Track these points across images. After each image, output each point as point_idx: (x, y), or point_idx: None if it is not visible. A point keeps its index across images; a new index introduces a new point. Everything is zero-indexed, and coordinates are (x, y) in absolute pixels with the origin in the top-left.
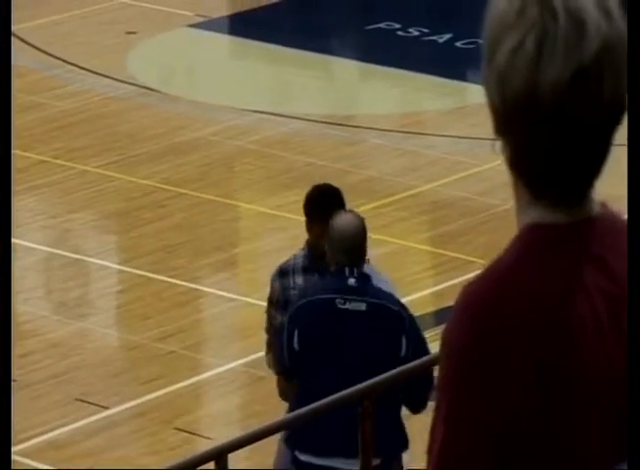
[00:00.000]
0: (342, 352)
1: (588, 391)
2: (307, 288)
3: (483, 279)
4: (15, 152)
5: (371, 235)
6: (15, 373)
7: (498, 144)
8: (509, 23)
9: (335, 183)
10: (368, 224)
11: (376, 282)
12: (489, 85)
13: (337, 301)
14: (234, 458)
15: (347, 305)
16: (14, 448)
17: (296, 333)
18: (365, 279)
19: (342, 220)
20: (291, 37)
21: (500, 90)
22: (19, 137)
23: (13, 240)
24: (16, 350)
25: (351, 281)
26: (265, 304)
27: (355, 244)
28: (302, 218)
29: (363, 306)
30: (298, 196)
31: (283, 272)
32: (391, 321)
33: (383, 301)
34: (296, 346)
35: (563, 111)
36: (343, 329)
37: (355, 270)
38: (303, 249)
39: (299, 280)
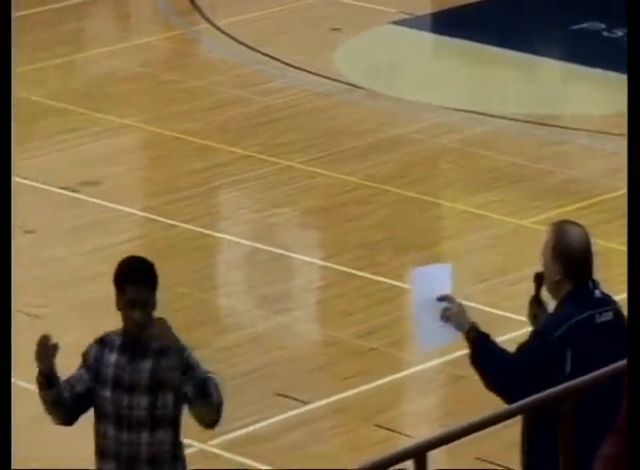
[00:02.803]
0: (605, 365)
1: None
2: (560, 316)
3: None
4: (220, 146)
5: None
6: (215, 367)
7: None
8: None
9: (536, 183)
10: None
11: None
12: None
13: (595, 316)
14: (433, 457)
15: (602, 318)
16: (214, 441)
17: (568, 357)
18: (599, 286)
19: (573, 235)
20: (494, 36)
21: None
22: (224, 131)
23: (216, 234)
24: (217, 343)
25: (597, 293)
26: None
27: (590, 255)
28: (504, 218)
29: (611, 315)
30: (501, 195)
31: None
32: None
33: (618, 305)
34: (567, 369)
35: None
36: (602, 342)
37: (593, 281)
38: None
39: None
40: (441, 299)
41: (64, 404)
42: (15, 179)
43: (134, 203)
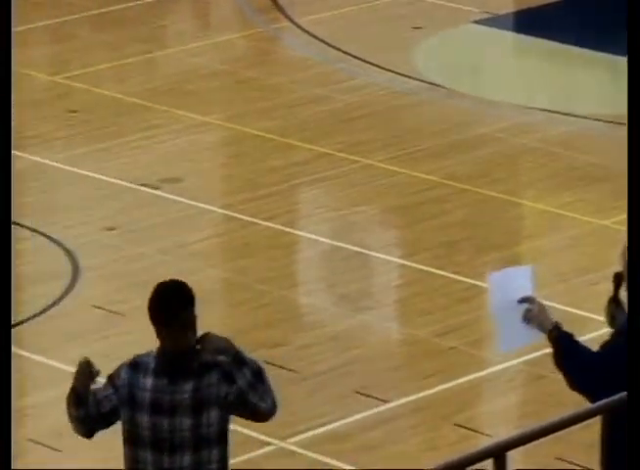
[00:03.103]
0: None
1: None
2: None
3: None
4: (299, 144)
5: None
6: (295, 365)
7: None
8: None
9: (617, 184)
10: None
11: None
12: None
13: None
14: (513, 456)
15: None
16: (293, 439)
17: None
18: None
19: None
20: (576, 35)
21: None
22: (304, 129)
23: (296, 231)
24: (297, 341)
25: None
26: None
27: None
28: (584, 218)
29: None
30: (582, 195)
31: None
32: None
33: None
34: None
35: None
36: None
37: None
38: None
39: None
40: (523, 300)
41: (89, 421)
42: (95, 176)
43: (214, 200)
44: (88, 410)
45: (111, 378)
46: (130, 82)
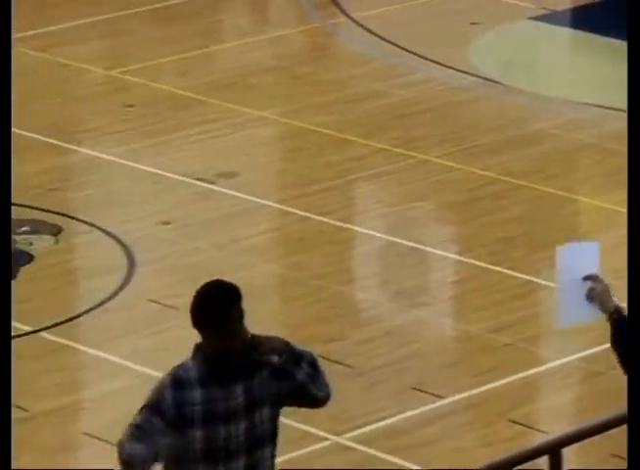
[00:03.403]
0: None
1: None
2: None
3: None
4: (356, 139)
5: None
6: (351, 360)
7: None
8: None
9: None
10: None
11: None
12: None
13: None
14: (568, 453)
15: None
16: (349, 434)
17: None
18: None
19: None
20: None
21: None
22: (360, 124)
23: (351, 227)
24: (353, 336)
25: None
26: None
27: None
28: None
29: None
30: None
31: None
32: None
33: None
34: None
35: None
36: None
37: None
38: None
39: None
40: (587, 278)
41: (154, 460)
42: (151, 170)
43: (270, 195)
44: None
45: (154, 407)
46: (186, 77)
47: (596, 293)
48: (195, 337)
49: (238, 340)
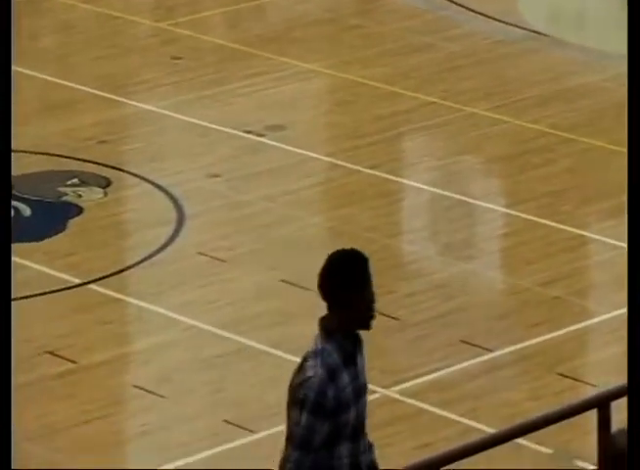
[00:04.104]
0: None
1: None
2: None
3: None
4: (404, 92)
5: None
6: (399, 312)
7: None
8: None
9: None
10: None
11: None
12: None
13: None
14: (617, 407)
15: None
16: (397, 387)
17: None
18: None
19: None
20: None
21: None
22: (409, 77)
23: (400, 179)
24: (401, 289)
25: None
26: None
27: None
28: None
29: None
30: None
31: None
32: None
33: None
34: None
35: None
36: None
37: None
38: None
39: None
40: None
41: None
42: (200, 123)
43: (318, 148)
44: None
45: (317, 411)
46: (235, 29)
47: None
48: (243, 289)
49: (373, 305)
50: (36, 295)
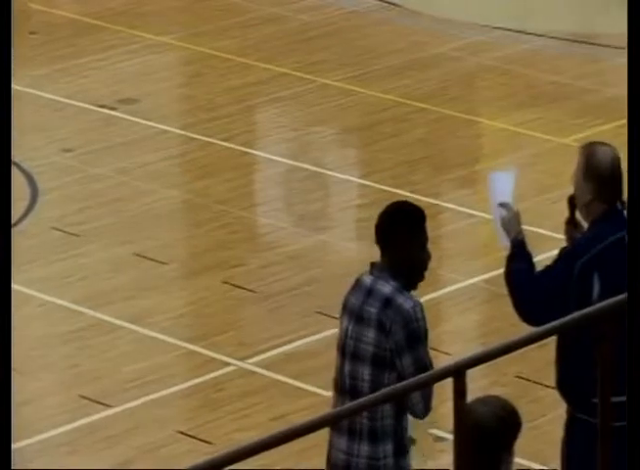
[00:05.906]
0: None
1: None
2: (592, 237)
3: None
4: (256, 64)
5: None
6: (254, 284)
7: None
8: None
9: (577, 102)
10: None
11: None
12: None
13: (625, 237)
14: (472, 375)
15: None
16: (253, 359)
17: (596, 280)
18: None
19: (602, 156)
20: None
21: None
22: (259, 49)
23: (254, 151)
24: (256, 261)
25: (625, 213)
26: None
27: (620, 175)
28: (544, 136)
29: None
30: (541, 114)
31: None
32: None
33: None
34: (596, 292)
35: None
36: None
37: (622, 202)
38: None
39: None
40: (501, 205)
41: None
42: (52, 97)
43: (172, 120)
44: None
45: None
46: (87, 3)
47: (504, 221)
48: (98, 264)
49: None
50: None
